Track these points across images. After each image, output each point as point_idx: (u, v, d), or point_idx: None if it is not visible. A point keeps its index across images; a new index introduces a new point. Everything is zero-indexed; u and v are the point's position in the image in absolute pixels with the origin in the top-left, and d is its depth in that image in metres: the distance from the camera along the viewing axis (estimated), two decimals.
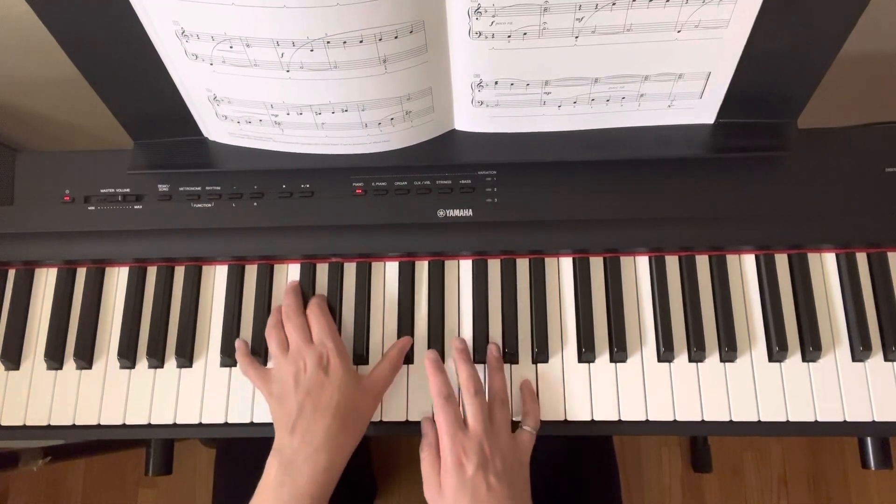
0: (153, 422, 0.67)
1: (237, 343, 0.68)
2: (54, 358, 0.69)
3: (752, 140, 0.67)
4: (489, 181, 0.69)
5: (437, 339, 0.67)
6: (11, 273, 0.72)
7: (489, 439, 0.58)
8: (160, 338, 0.69)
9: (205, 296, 0.71)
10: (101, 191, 0.71)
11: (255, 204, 0.69)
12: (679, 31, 0.56)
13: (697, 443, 1.43)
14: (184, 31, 0.55)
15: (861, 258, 0.69)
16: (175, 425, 0.67)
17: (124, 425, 0.67)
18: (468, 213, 0.68)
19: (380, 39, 0.54)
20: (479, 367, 0.66)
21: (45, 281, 0.72)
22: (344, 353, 0.63)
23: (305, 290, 0.70)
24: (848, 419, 0.64)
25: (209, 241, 0.70)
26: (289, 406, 0.60)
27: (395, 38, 0.55)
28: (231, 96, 0.61)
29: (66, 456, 1.14)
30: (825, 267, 0.69)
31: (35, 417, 0.68)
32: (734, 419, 0.64)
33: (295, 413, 0.59)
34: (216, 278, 0.71)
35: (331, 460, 0.58)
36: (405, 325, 0.68)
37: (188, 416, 0.67)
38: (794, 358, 0.66)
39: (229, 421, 0.67)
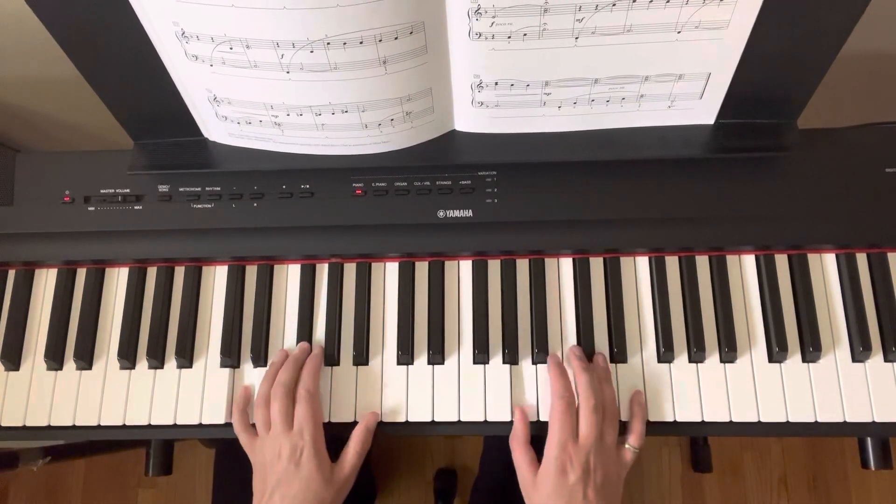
0: (153, 422, 0.67)
1: (238, 397, 0.67)
2: (54, 358, 0.69)
3: (751, 140, 0.67)
4: (489, 181, 0.69)
5: (437, 340, 0.67)
6: (11, 273, 0.72)
7: (596, 454, 0.60)
8: (160, 338, 0.69)
9: (205, 296, 0.71)
10: (101, 191, 0.71)
11: (255, 204, 0.69)
12: (679, 32, 0.56)
13: (697, 443, 1.43)
14: (184, 33, 0.55)
15: (861, 258, 0.69)
16: (175, 425, 0.67)
17: (124, 425, 0.67)
18: (468, 213, 0.68)
19: (380, 40, 0.54)
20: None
21: (45, 281, 0.72)
22: (318, 445, 0.62)
23: (305, 291, 0.70)
24: (848, 419, 0.64)
25: (209, 241, 0.70)
26: (262, 487, 0.62)
27: (395, 39, 0.55)
28: (231, 97, 0.61)
29: (66, 456, 1.14)
30: (825, 267, 0.69)
31: (35, 418, 0.68)
32: (734, 419, 0.64)
33: (264, 499, 0.61)
34: (216, 279, 0.71)
35: None
36: (405, 325, 0.68)
37: (188, 417, 0.67)
38: (794, 358, 0.66)
39: (229, 421, 0.67)
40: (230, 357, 0.68)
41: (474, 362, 0.67)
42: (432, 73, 0.60)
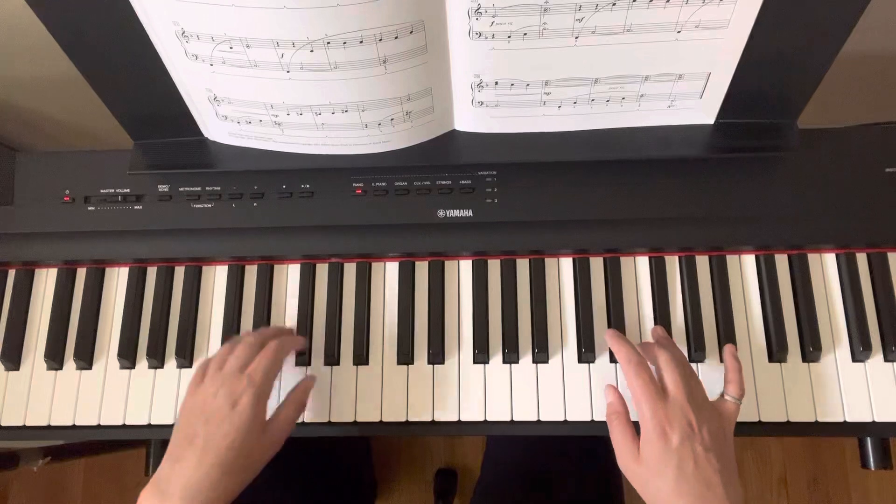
0: (153, 422, 0.67)
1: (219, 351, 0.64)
2: (54, 358, 0.69)
3: (752, 140, 0.67)
4: (489, 181, 0.69)
5: (437, 339, 0.67)
6: (11, 273, 0.72)
7: (692, 408, 0.56)
8: (160, 338, 0.69)
9: (205, 296, 0.71)
10: (101, 191, 0.71)
11: (255, 204, 0.69)
12: (679, 32, 0.56)
13: None
14: (184, 32, 0.55)
15: (861, 258, 0.69)
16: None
17: (124, 425, 0.67)
18: (468, 213, 0.68)
19: (380, 40, 0.54)
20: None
21: (45, 281, 0.72)
22: (262, 397, 0.58)
23: (305, 291, 0.70)
24: (848, 419, 0.64)
25: (209, 241, 0.70)
26: (186, 430, 0.56)
27: (395, 38, 0.55)
28: (231, 96, 0.61)
29: (66, 456, 1.14)
30: (825, 267, 0.69)
31: (35, 417, 0.68)
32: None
33: (186, 441, 0.55)
34: (216, 278, 0.71)
35: (203, 502, 0.54)
36: (405, 325, 0.68)
37: None
38: (794, 358, 0.66)
39: None
40: None
41: (474, 362, 0.67)
42: (432, 72, 0.60)
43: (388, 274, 0.70)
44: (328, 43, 0.54)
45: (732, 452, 0.57)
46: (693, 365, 0.66)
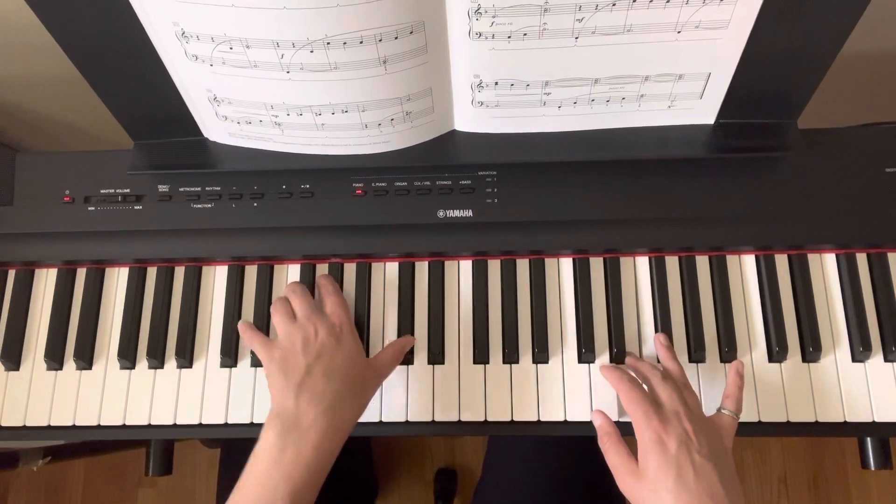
0: (153, 422, 0.67)
1: (242, 321, 0.67)
2: (54, 358, 0.69)
3: (752, 140, 0.67)
4: (489, 182, 0.69)
5: (437, 340, 0.67)
6: (11, 273, 0.72)
7: (688, 418, 0.55)
8: (160, 338, 0.69)
9: (205, 296, 0.71)
10: (101, 191, 0.71)
11: (255, 204, 0.69)
12: (679, 32, 0.56)
13: None
14: (184, 33, 0.55)
15: (861, 258, 0.69)
16: (175, 425, 0.67)
17: (124, 425, 0.67)
18: (468, 213, 0.68)
19: (380, 40, 0.54)
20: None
21: (45, 281, 0.72)
22: (354, 328, 0.64)
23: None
24: (848, 419, 0.64)
25: (209, 241, 0.70)
26: (295, 367, 0.57)
27: (395, 38, 0.55)
28: (231, 97, 0.61)
29: (66, 456, 1.14)
30: (825, 267, 0.69)
31: (35, 418, 0.68)
32: None
33: (302, 373, 0.57)
34: (216, 278, 0.71)
35: (337, 425, 0.56)
36: (405, 325, 0.68)
37: (188, 417, 0.67)
38: (794, 358, 0.66)
39: (229, 421, 0.67)
40: (230, 357, 0.68)
41: (474, 362, 0.67)
42: (432, 72, 0.60)
43: (388, 274, 0.70)
44: (328, 43, 0.54)
45: (733, 467, 0.56)
46: (693, 365, 0.66)
